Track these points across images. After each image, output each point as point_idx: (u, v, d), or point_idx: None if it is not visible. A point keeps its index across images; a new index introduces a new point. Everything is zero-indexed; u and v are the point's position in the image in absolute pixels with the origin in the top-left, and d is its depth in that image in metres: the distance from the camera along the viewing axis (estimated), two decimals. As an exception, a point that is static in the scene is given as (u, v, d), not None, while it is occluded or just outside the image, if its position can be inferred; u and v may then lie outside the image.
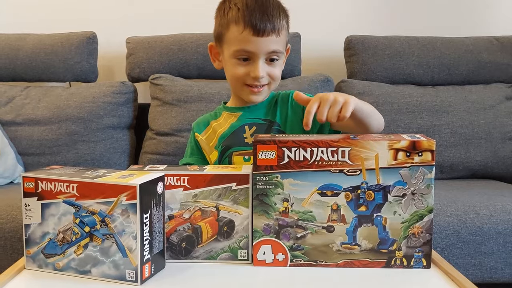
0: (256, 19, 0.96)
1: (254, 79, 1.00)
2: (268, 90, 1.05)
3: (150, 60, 1.97)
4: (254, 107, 1.09)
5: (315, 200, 0.76)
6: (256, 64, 0.99)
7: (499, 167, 1.87)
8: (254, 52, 0.98)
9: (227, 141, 1.07)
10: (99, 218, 0.71)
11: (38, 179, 0.74)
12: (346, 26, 2.13)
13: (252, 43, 0.97)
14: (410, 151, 0.75)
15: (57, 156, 1.83)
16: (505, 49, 2.00)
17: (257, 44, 0.97)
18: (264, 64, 1.00)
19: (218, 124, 1.11)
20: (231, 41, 1.00)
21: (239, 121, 1.08)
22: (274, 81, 1.03)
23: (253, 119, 1.08)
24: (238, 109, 1.10)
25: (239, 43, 0.99)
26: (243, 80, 1.02)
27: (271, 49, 0.99)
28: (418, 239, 0.77)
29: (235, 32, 0.99)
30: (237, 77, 1.02)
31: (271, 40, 0.98)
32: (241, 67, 1.01)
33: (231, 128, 1.08)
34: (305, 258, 0.78)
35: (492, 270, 1.39)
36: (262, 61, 1.00)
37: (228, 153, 1.06)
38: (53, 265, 0.75)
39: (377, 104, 1.88)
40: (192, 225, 0.79)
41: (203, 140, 1.11)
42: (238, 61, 1.01)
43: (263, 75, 1.00)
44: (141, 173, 0.75)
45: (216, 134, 1.09)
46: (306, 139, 0.76)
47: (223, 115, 1.12)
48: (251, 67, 1.00)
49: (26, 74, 1.99)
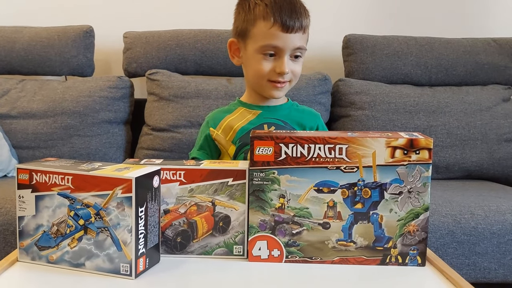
0: (285, 16, 0.98)
1: (279, 74, 1.01)
2: (289, 87, 1.06)
3: (147, 55, 1.96)
4: (273, 107, 1.10)
5: (312, 197, 0.76)
6: (282, 59, 1.01)
7: (495, 169, 1.88)
8: (281, 48, 1.00)
9: (245, 137, 1.07)
10: (94, 211, 0.71)
11: (33, 170, 0.74)
12: (345, 25, 2.13)
13: (280, 39, 0.99)
14: (407, 149, 0.75)
15: (52, 150, 1.82)
16: (503, 50, 2.00)
17: (285, 40, 0.99)
18: (289, 61, 1.02)
19: (233, 118, 1.10)
20: (258, 37, 1.01)
21: (258, 119, 1.08)
22: (295, 77, 1.05)
23: (273, 119, 1.08)
24: (257, 107, 1.10)
25: (267, 39, 1.00)
26: (267, 76, 1.03)
27: (297, 45, 1.01)
28: (413, 237, 0.77)
29: (263, 27, 1.00)
30: (261, 72, 1.03)
31: (298, 37, 1.00)
32: (267, 63, 1.02)
33: (250, 124, 1.08)
34: (301, 254, 0.78)
35: (485, 270, 1.40)
36: (287, 57, 1.01)
37: (245, 149, 1.06)
38: (47, 257, 0.75)
39: (374, 103, 1.89)
40: (187, 220, 0.78)
41: (219, 135, 1.10)
42: (264, 56, 1.02)
43: (288, 71, 1.01)
44: (137, 166, 0.75)
45: (233, 128, 1.08)
46: (303, 136, 0.76)
47: (239, 110, 1.11)
48: (276, 62, 1.01)
49: (21, 67, 1.97)
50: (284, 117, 1.09)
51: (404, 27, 2.14)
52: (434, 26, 2.16)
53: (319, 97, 1.89)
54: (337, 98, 1.95)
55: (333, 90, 1.97)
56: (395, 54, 1.97)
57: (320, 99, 1.89)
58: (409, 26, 2.15)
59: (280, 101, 1.11)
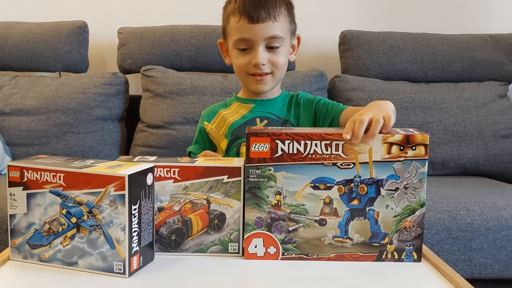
0: (249, 7, 0.98)
1: (255, 66, 1.01)
2: (273, 79, 1.05)
3: (142, 51, 1.94)
4: (267, 101, 1.09)
5: (308, 193, 0.76)
6: (255, 51, 1.00)
7: (491, 165, 1.88)
8: (251, 40, 1.00)
9: (237, 131, 1.07)
10: (87, 209, 0.70)
11: (24, 168, 0.72)
12: (341, 21, 2.12)
13: (248, 30, 0.99)
14: (403, 145, 0.74)
15: (46, 147, 1.81)
16: (499, 47, 2.00)
17: (253, 31, 0.99)
18: (265, 52, 1.01)
19: (228, 113, 1.11)
20: (231, 33, 1.03)
21: (251, 113, 1.09)
22: (277, 69, 1.03)
23: (265, 113, 1.08)
24: (250, 101, 1.10)
25: (237, 33, 1.01)
26: (246, 70, 1.03)
27: (269, 35, 1.00)
28: (409, 233, 0.76)
29: (233, 23, 1.01)
30: (240, 67, 1.04)
31: (268, 26, 0.99)
32: (242, 57, 1.02)
33: (243, 119, 1.08)
34: (297, 251, 0.77)
35: (481, 266, 1.40)
36: (262, 48, 1.00)
37: (237, 143, 1.06)
38: (39, 256, 0.74)
39: (370, 99, 1.87)
40: (182, 218, 0.77)
41: (213, 128, 1.11)
42: (239, 51, 1.03)
43: (263, 62, 1.00)
44: (131, 164, 0.74)
45: (226, 122, 1.09)
46: (299, 132, 0.75)
47: (234, 105, 1.12)
48: (251, 55, 1.01)
49: (14, 63, 1.95)
50: (277, 111, 1.09)
51: (400, 23, 2.13)
52: (431, 22, 2.15)
53: (316, 93, 1.88)
54: (334, 94, 1.94)
55: (330, 87, 1.96)
56: (392, 50, 1.97)
57: (316, 95, 1.87)
58: (406, 22, 2.14)
59: (273, 94, 1.10)
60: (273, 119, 1.08)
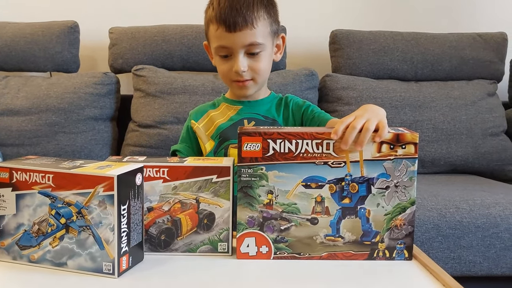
0: (225, 15, 0.96)
1: (236, 73, 1.01)
2: (255, 84, 1.04)
3: (133, 51, 1.94)
4: (254, 102, 1.09)
5: (300, 192, 0.76)
6: (235, 58, 1.00)
7: (480, 162, 1.90)
8: (231, 48, 0.99)
9: (225, 133, 1.07)
10: (76, 210, 0.70)
11: (13, 169, 0.72)
12: (331, 20, 2.13)
13: (227, 39, 0.98)
14: (393, 144, 0.75)
15: (36, 147, 1.80)
16: (488, 45, 2.02)
17: (231, 39, 0.98)
18: (245, 58, 1.00)
19: (216, 114, 1.11)
20: (212, 39, 1.02)
21: (239, 114, 1.09)
22: (258, 74, 1.02)
23: (252, 114, 1.08)
24: (238, 103, 1.10)
25: (217, 40, 1.00)
26: (229, 76, 1.03)
27: (247, 42, 0.98)
28: (400, 231, 0.77)
29: (212, 30, 1.01)
30: (222, 73, 1.04)
31: (246, 34, 0.97)
32: (224, 64, 1.02)
33: (230, 121, 1.08)
34: (289, 250, 0.78)
35: (470, 263, 1.41)
36: (241, 56, 0.99)
37: (225, 145, 1.06)
38: (28, 257, 0.74)
39: (361, 98, 1.89)
40: (171, 218, 0.78)
41: (199, 128, 1.11)
42: (220, 58, 1.02)
43: (243, 69, 1.00)
44: (120, 164, 0.74)
45: (214, 124, 1.09)
46: (291, 131, 0.75)
47: (222, 106, 1.12)
48: (232, 62, 1.01)
49: (5, 63, 1.94)
50: (265, 112, 1.09)
51: (390, 22, 2.15)
52: (420, 22, 2.17)
53: (306, 92, 1.89)
54: (324, 93, 1.95)
55: (320, 86, 1.97)
56: (382, 49, 1.98)
57: (307, 94, 1.89)
58: (395, 22, 2.16)
59: (261, 95, 1.10)
60: (261, 119, 1.08)
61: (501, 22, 2.16)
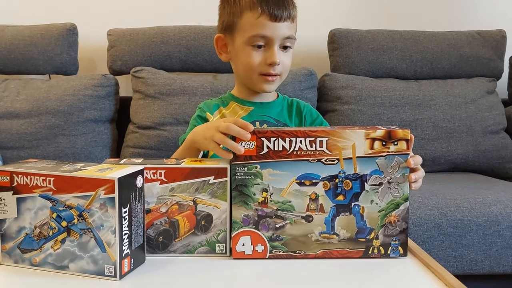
0: (272, 4, 0.97)
1: (270, 66, 0.99)
2: (279, 80, 1.04)
3: (132, 52, 1.94)
4: (266, 104, 1.08)
5: (294, 190, 0.76)
6: (272, 49, 0.98)
7: (480, 161, 1.90)
8: (270, 38, 0.98)
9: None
10: (77, 213, 0.70)
11: (14, 172, 0.72)
12: (330, 19, 2.13)
13: (269, 28, 0.97)
14: (386, 140, 0.75)
15: (36, 150, 1.80)
16: (487, 43, 2.02)
17: (273, 29, 0.97)
18: (280, 51, 1.00)
19: (227, 112, 1.08)
20: (246, 28, 0.99)
21: (250, 116, 1.06)
22: (285, 71, 1.03)
23: (264, 117, 1.07)
24: (249, 103, 1.08)
25: (255, 29, 0.98)
26: (258, 69, 1.00)
27: (287, 35, 0.99)
28: (394, 228, 0.77)
29: (250, 18, 0.98)
30: (252, 65, 1.00)
31: (287, 26, 0.98)
32: (257, 55, 0.99)
33: None
34: (284, 248, 0.78)
35: (472, 262, 1.41)
36: (277, 47, 0.99)
37: None
38: (30, 260, 0.74)
39: (360, 97, 1.89)
40: (169, 219, 0.78)
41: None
42: (253, 48, 0.99)
43: (279, 61, 0.99)
44: (120, 166, 0.74)
45: None
46: (284, 129, 0.76)
47: (232, 105, 1.09)
48: (267, 53, 0.99)
49: (4, 66, 1.94)
50: (277, 115, 1.08)
51: (388, 21, 2.15)
52: (419, 20, 2.17)
53: (305, 92, 1.89)
54: (323, 93, 1.95)
55: (319, 85, 1.97)
56: (380, 48, 1.98)
57: (306, 94, 1.89)
58: (394, 20, 2.16)
59: (271, 97, 1.09)
60: (273, 123, 1.06)
61: (499, 20, 2.16)
